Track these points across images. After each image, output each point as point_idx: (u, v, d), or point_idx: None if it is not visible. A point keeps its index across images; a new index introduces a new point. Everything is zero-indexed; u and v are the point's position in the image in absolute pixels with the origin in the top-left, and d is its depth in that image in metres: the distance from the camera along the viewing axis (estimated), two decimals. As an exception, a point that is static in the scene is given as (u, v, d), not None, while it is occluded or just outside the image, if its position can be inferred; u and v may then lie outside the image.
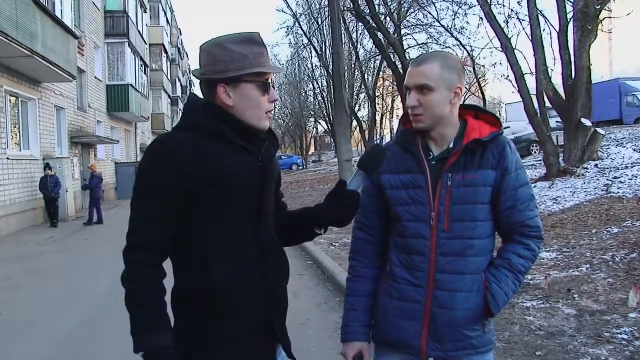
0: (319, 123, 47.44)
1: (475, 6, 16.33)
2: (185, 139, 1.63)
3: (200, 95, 1.78)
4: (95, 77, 23.17)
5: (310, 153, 58.91)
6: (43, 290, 7.30)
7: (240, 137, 1.67)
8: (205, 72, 1.69)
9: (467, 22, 29.38)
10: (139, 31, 28.93)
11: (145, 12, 33.85)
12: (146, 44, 32.59)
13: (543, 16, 13.69)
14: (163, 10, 42.72)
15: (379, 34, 17.76)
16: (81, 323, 5.63)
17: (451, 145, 1.80)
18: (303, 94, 40.69)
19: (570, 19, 12.68)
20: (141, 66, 29.65)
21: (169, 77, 45.05)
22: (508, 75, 14.27)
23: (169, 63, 45.30)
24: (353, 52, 27.23)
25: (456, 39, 19.37)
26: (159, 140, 1.67)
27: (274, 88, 1.73)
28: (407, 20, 21.41)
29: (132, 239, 1.63)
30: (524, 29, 13.88)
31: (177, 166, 1.59)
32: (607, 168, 12.10)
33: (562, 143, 13.42)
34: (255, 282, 1.68)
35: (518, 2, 14.14)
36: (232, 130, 1.66)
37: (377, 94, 33.65)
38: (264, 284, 1.69)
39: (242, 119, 1.68)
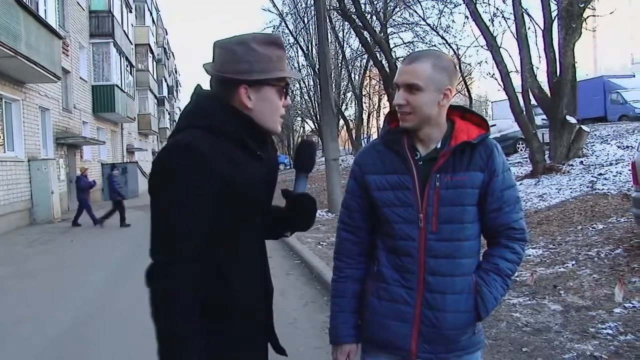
0: (306, 122, 47.43)
1: (460, 5, 16.49)
2: (214, 144, 1.52)
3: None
4: (80, 78, 22.93)
5: (297, 152, 58.76)
6: (31, 292, 7.22)
7: (258, 146, 1.63)
8: (225, 71, 1.60)
9: (453, 21, 29.67)
10: (124, 31, 28.69)
11: (131, 12, 33.58)
12: (132, 44, 32.35)
13: (528, 15, 13.83)
14: (149, 10, 42.43)
15: (365, 33, 17.77)
16: (70, 324, 5.57)
17: (439, 146, 1.78)
18: (290, 94, 40.67)
19: (555, 17, 12.81)
20: (127, 66, 29.41)
21: (155, 77, 44.75)
22: (494, 74, 14.42)
23: (155, 63, 44.98)
24: (339, 51, 27.24)
25: (442, 37, 19.52)
26: (187, 145, 1.50)
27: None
28: (393, 19, 21.50)
29: (171, 251, 1.47)
30: (509, 27, 14.08)
31: (217, 172, 1.49)
32: (592, 165, 12.24)
33: (548, 140, 13.54)
34: (258, 283, 1.70)
35: (503, 1, 14.33)
36: (252, 138, 1.60)
37: (364, 93, 33.71)
38: (264, 284, 1.73)
39: (260, 124, 1.62)
